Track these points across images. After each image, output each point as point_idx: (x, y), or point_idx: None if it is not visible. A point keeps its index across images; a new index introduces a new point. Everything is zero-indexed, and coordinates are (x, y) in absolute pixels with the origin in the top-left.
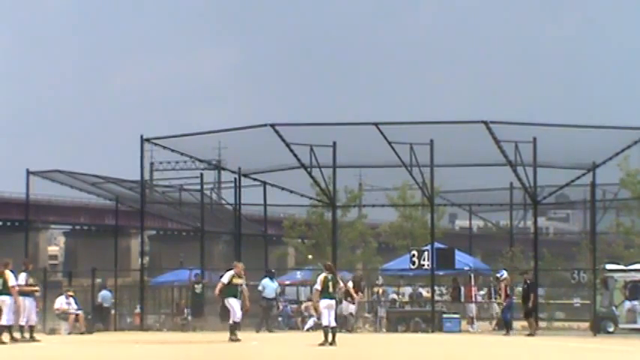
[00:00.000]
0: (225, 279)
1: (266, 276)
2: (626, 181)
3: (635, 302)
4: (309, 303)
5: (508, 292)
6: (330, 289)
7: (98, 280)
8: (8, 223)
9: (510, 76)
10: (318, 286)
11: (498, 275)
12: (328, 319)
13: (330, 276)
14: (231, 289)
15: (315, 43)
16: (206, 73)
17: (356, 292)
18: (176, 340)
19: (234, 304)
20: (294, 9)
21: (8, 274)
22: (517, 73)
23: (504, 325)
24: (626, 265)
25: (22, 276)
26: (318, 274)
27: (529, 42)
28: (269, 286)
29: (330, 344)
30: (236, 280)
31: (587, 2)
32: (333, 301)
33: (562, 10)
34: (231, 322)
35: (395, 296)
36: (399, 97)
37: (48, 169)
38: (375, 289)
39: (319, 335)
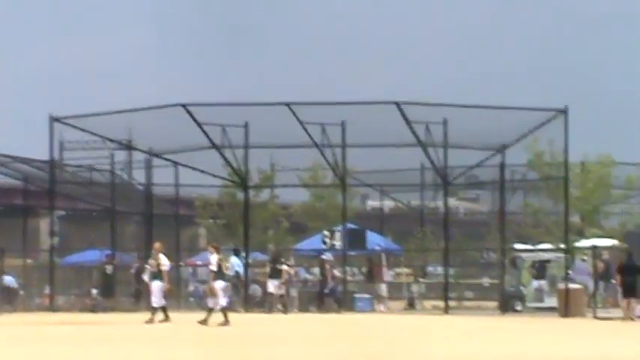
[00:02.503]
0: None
1: (233, 254)
2: (534, 162)
3: (542, 281)
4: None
5: (333, 273)
6: (224, 270)
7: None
8: None
9: (422, 57)
10: (214, 267)
11: (324, 257)
12: (225, 299)
13: (221, 257)
14: (153, 272)
15: (228, 23)
16: (117, 52)
17: (277, 269)
18: (85, 321)
19: (153, 288)
20: None
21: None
22: (429, 54)
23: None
24: (533, 245)
25: None
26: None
27: (441, 23)
28: (235, 263)
29: (224, 324)
30: (152, 261)
31: None
32: (225, 283)
33: None
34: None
35: (307, 276)
36: (311, 78)
37: None
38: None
39: (231, 316)
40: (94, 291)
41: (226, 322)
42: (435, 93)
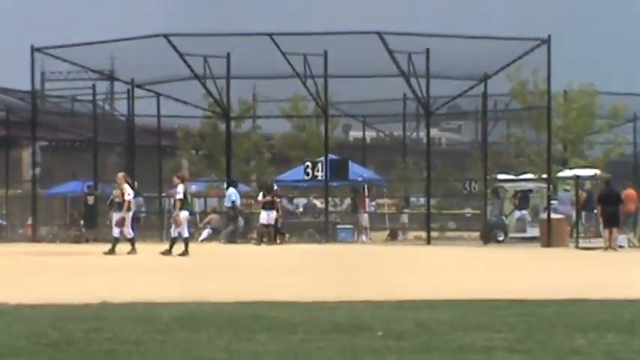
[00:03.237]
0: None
1: (230, 185)
2: (516, 91)
3: (524, 211)
4: (213, 215)
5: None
6: (189, 200)
7: None
8: None
9: None
10: (180, 196)
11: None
12: (188, 230)
13: (186, 187)
14: (118, 202)
15: None
16: None
17: (272, 200)
18: (66, 252)
19: (115, 218)
20: None
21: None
22: None
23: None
24: (516, 175)
25: None
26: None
27: None
28: (232, 193)
29: (183, 254)
30: (116, 191)
31: None
32: (188, 213)
33: None
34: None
35: (289, 207)
36: (293, 8)
37: None
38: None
39: (212, 246)
40: (82, 222)
41: (185, 253)
42: (417, 22)
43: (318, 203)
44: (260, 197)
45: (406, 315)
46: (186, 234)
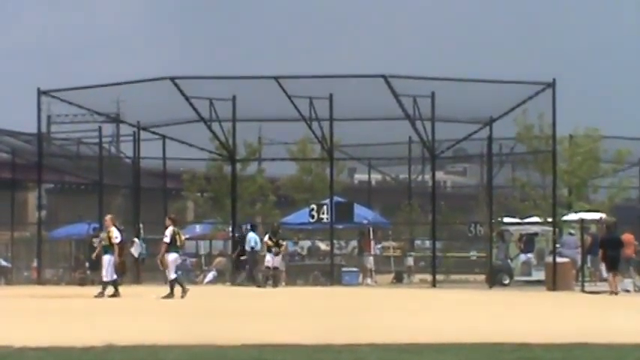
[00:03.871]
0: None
1: (250, 230)
2: (522, 135)
3: (530, 255)
4: (221, 258)
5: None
6: (178, 243)
7: None
8: None
9: (409, 30)
10: (167, 239)
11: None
12: (177, 272)
13: (176, 229)
14: (105, 246)
15: None
16: (106, 23)
17: (277, 243)
18: (72, 294)
19: (104, 261)
20: None
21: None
22: (417, 27)
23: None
24: (521, 219)
25: None
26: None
27: None
28: (252, 238)
29: (168, 297)
30: (103, 234)
31: None
32: (178, 255)
33: None
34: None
35: (296, 249)
36: (299, 51)
37: None
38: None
39: (219, 289)
40: (87, 264)
41: (170, 295)
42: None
43: (323, 246)
44: (265, 240)
45: (412, 358)
46: (172, 276)
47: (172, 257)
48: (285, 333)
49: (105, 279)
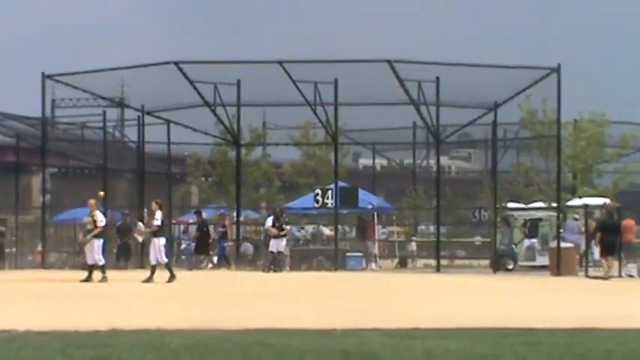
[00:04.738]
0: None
1: (270, 215)
2: (526, 120)
3: (534, 240)
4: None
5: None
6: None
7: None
8: None
9: (413, 15)
10: (158, 222)
11: (222, 211)
12: (166, 256)
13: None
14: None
15: None
16: (109, 8)
17: (280, 228)
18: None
19: (93, 246)
20: None
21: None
22: (420, 11)
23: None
24: (526, 204)
25: None
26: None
27: None
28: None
29: (170, 280)
30: (87, 218)
31: None
32: (165, 240)
33: None
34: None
35: (298, 234)
36: (304, 36)
37: None
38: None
39: (223, 274)
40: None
41: (172, 278)
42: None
43: (327, 230)
44: (269, 224)
45: (415, 344)
46: (165, 259)
47: (162, 242)
48: (290, 317)
49: (89, 262)
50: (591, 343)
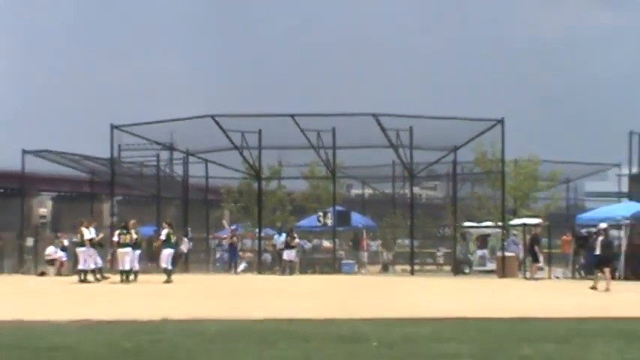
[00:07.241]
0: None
1: (277, 232)
2: (478, 159)
3: (485, 250)
4: (250, 253)
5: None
6: (172, 241)
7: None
8: (9, 190)
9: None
10: (163, 237)
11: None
12: (169, 263)
13: (171, 231)
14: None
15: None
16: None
17: (292, 240)
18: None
19: (79, 254)
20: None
21: (84, 230)
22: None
23: None
24: (478, 223)
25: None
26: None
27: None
28: (277, 239)
29: (166, 282)
30: (78, 234)
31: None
32: (172, 250)
33: (441, 13)
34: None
35: (306, 247)
36: (309, 92)
37: (39, 148)
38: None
39: (248, 277)
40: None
41: (169, 281)
42: (403, 106)
43: (327, 243)
44: (277, 240)
45: (395, 330)
46: (169, 266)
47: (168, 252)
48: (298, 310)
49: (80, 266)
50: (528, 328)
